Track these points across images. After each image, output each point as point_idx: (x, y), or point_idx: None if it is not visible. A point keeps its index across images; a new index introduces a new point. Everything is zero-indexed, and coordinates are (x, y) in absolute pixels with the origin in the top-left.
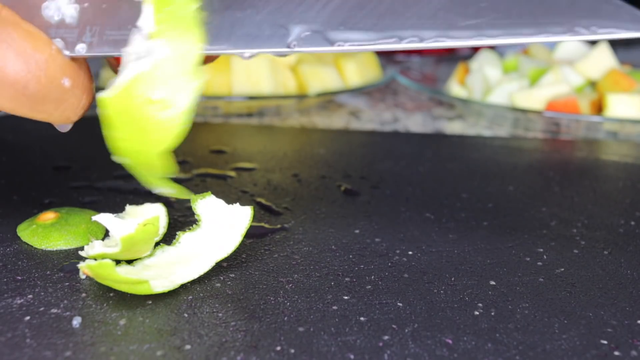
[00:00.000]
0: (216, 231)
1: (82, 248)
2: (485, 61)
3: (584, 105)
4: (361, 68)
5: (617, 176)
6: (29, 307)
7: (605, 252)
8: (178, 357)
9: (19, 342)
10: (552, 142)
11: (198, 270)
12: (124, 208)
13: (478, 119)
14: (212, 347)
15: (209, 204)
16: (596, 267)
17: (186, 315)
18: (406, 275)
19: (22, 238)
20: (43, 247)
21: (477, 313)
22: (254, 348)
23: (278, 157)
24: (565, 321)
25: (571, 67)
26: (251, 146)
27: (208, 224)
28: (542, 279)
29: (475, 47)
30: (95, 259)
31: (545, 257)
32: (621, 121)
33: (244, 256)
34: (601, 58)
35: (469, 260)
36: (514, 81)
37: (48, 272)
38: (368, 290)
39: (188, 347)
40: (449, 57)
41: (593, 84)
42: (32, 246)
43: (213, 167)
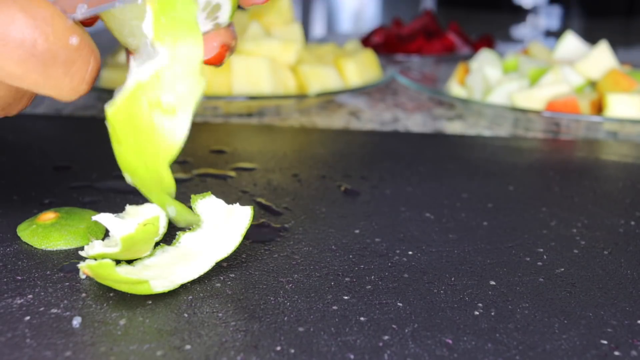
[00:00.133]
0: (216, 231)
1: (82, 248)
2: (485, 61)
3: (584, 105)
4: (361, 68)
5: (617, 176)
6: (29, 307)
7: (605, 252)
8: (178, 357)
9: (19, 342)
10: (552, 142)
11: (198, 270)
12: (124, 208)
13: (478, 119)
14: (212, 347)
15: (209, 204)
16: (596, 267)
17: (186, 315)
18: (406, 275)
19: (22, 238)
20: (43, 247)
21: (477, 313)
22: (254, 348)
23: (278, 157)
24: (565, 321)
25: (571, 67)
26: (251, 146)
27: (208, 224)
28: (542, 279)
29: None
30: (95, 259)
31: (545, 257)
32: (621, 121)
33: (244, 256)
34: (601, 58)
35: (469, 260)
36: (514, 81)
37: (48, 272)
38: (368, 290)
39: (188, 347)
40: (449, 57)
41: (593, 84)
42: (32, 246)
43: (213, 167)
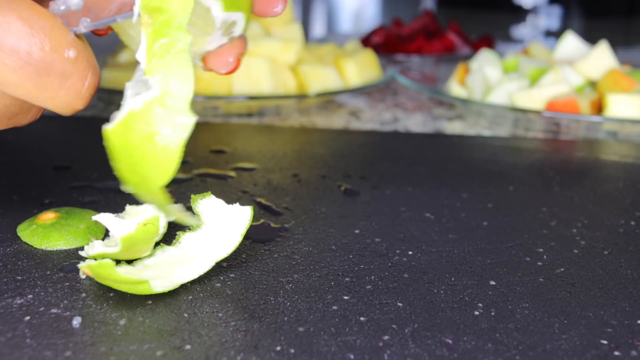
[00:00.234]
0: (216, 231)
1: (82, 248)
2: (485, 61)
3: (584, 105)
4: (361, 68)
5: (617, 176)
6: (29, 307)
7: (605, 252)
8: (178, 357)
9: (19, 342)
10: (552, 142)
11: (198, 270)
12: (124, 208)
13: (478, 119)
14: (212, 347)
15: (209, 204)
16: (596, 267)
17: (186, 315)
18: (406, 275)
19: (22, 238)
20: (43, 247)
21: (477, 313)
22: (254, 348)
23: (278, 157)
24: (565, 321)
25: (571, 67)
26: (251, 146)
27: (208, 224)
28: (542, 279)
29: (475, 47)
30: (95, 259)
31: (545, 257)
32: (621, 121)
33: (244, 256)
34: (601, 58)
35: (469, 260)
36: (514, 81)
37: (48, 272)
38: (368, 290)
39: (188, 347)
40: (449, 57)
41: (593, 84)
42: (32, 246)
43: (213, 167)
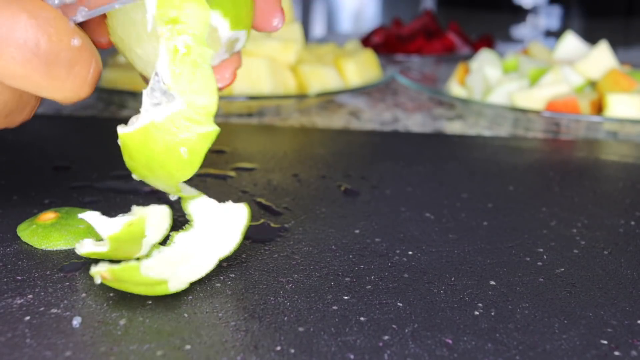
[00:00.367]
0: (212, 230)
1: None
2: (485, 61)
3: (584, 105)
4: (361, 68)
5: (617, 176)
6: (29, 307)
7: (605, 252)
8: (178, 357)
9: (19, 342)
10: (552, 142)
11: (202, 269)
12: (124, 208)
13: (478, 119)
14: (212, 347)
15: (200, 204)
16: (596, 267)
17: (186, 315)
18: (406, 275)
19: (22, 238)
20: (43, 247)
21: (477, 313)
22: (254, 348)
23: (278, 157)
24: (565, 321)
25: (571, 67)
26: (251, 146)
27: (200, 224)
28: (542, 279)
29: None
30: (117, 262)
31: (545, 257)
32: (621, 121)
33: (244, 256)
34: (601, 58)
35: (469, 260)
36: (514, 81)
37: (48, 272)
38: (368, 290)
39: (188, 347)
40: (449, 57)
41: (593, 84)
42: (32, 246)
43: (213, 167)
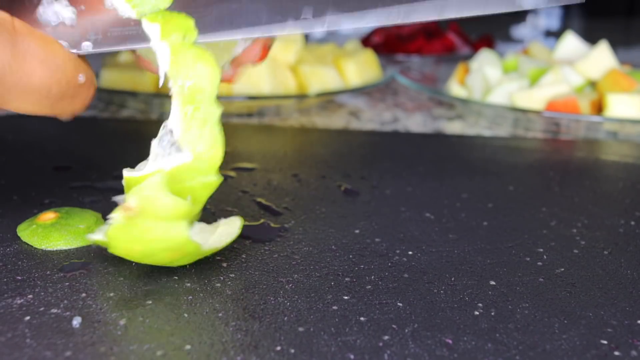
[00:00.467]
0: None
1: (82, 248)
2: (485, 61)
3: (584, 105)
4: (361, 68)
5: (617, 176)
6: (29, 307)
7: (605, 252)
8: (178, 357)
9: (19, 342)
10: (552, 142)
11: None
12: None
13: (478, 119)
14: (212, 347)
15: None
16: (596, 267)
17: (186, 315)
18: (406, 275)
19: (22, 238)
20: (43, 247)
21: (477, 313)
22: (254, 348)
23: (278, 157)
24: (565, 321)
25: (571, 67)
26: (251, 146)
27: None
28: (542, 279)
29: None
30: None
31: (545, 257)
32: (621, 121)
33: (244, 256)
34: (601, 58)
35: (469, 260)
36: (514, 81)
37: (48, 272)
38: (368, 290)
39: (188, 347)
40: (449, 57)
41: (593, 84)
42: (32, 246)
43: None
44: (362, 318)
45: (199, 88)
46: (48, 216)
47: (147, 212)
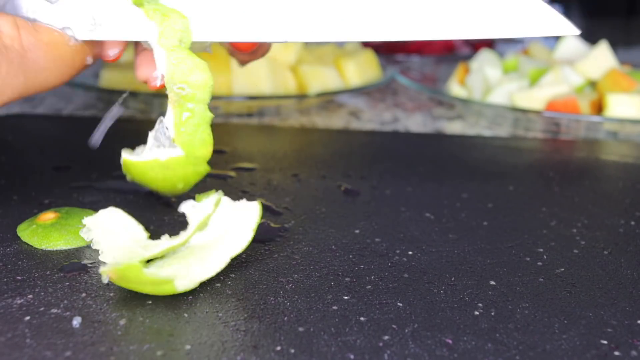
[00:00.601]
0: (225, 228)
1: (82, 248)
2: (485, 61)
3: (584, 105)
4: (361, 68)
5: (617, 176)
6: (29, 307)
7: (605, 252)
8: (178, 357)
9: (19, 342)
10: (552, 142)
11: (215, 267)
12: (124, 208)
13: (478, 119)
14: (212, 347)
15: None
16: (596, 267)
17: (186, 315)
18: (406, 275)
19: (22, 238)
20: (43, 247)
21: (477, 313)
22: (254, 348)
23: (278, 157)
24: (565, 321)
25: (571, 67)
26: (251, 146)
27: (216, 222)
28: (542, 279)
29: (475, 47)
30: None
31: (545, 257)
32: (621, 121)
33: (244, 256)
34: (601, 58)
35: (469, 260)
36: (514, 81)
37: (48, 272)
38: (368, 290)
39: (188, 347)
40: (449, 57)
41: (593, 84)
42: (32, 246)
43: (213, 167)
44: (362, 318)
45: (194, 95)
46: (48, 216)
47: (129, 282)
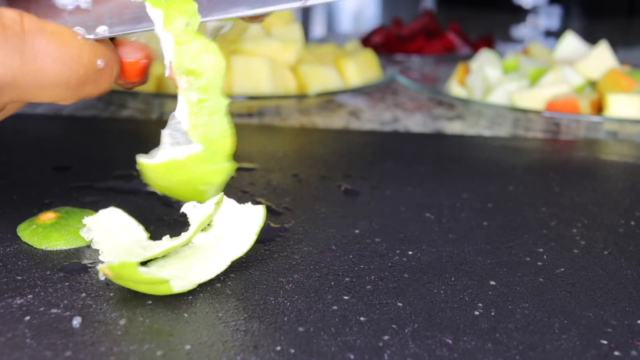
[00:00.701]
0: (229, 230)
1: (82, 248)
2: (485, 61)
3: (584, 105)
4: (361, 68)
5: (617, 176)
6: (29, 307)
7: (605, 252)
8: (178, 357)
9: (19, 342)
10: (552, 142)
11: (214, 269)
12: (124, 208)
13: (478, 119)
14: (212, 347)
15: (222, 205)
16: (596, 267)
17: (186, 315)
18: (406, 275)
19: (22, 238)
20: (43, 247)
21: (477, 313)
22: (254, 348)
23: (278, 157)
24: (565, 321)
25: (571, 67)
26: (251, 146)
27: (220, 224)
28: (542, 279)
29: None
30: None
31: (545, 257)
32: (621, 121)
33: (244, 256)
34: (601, 58)
35: (469, 260)
36: (514, 81)
37: (48, 272)
38: (368, 290)
39: (188, 347)
40: (449, 57)
41: (593, 84)
42: (32, 246)
43: None
44: (362, 318)
45: (205, 79)
46: (48, 216)
47: (124, 280)
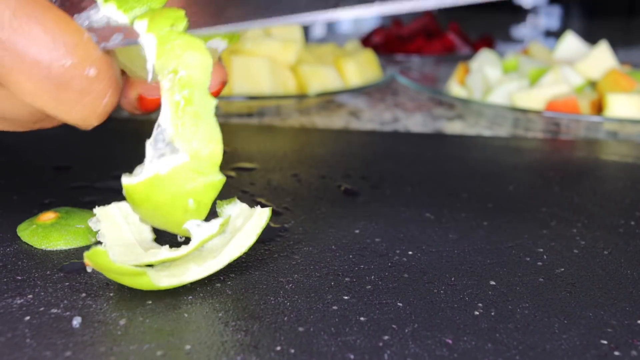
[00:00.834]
0: (235, 234)
1: (82, 248)
2: (485, 61)
3: (584, 105)
4: (361, 68)
5: (617, 176)
6: (29, 307)
7: (605, 252)
8: (178, 357)
9: (19, 342)
10: (552, 142)
11: (210, 269)
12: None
13: (478, 119)
14: (212, 347)
15: (234, 209)
16: (596, 267)
17: (186, 315)
18: (406, 275)
19: (22, 238)
20: (43, 247)
21: (477, 313)
22: (254, 348)
23: (278, 157)
24: (565, 321)
25: (571, 67)
26: (251, 146)
27: (231, 228)
28: (542, 279)
29: (475, 47)
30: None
31: (545, 257)
32: (621, 121)
33: (244, 256)
34: (601, 58)
35: (469, 260)
36: (514, 81)
37: (48, 272)
38: (368, 290)
39: (188, 347)
40: (449, 57)
41: (593, 84)
42: (32, 246)
43: None
44: (362, 318)
45: (190, 78)
46: (48, 216)
47: (104, 271)
